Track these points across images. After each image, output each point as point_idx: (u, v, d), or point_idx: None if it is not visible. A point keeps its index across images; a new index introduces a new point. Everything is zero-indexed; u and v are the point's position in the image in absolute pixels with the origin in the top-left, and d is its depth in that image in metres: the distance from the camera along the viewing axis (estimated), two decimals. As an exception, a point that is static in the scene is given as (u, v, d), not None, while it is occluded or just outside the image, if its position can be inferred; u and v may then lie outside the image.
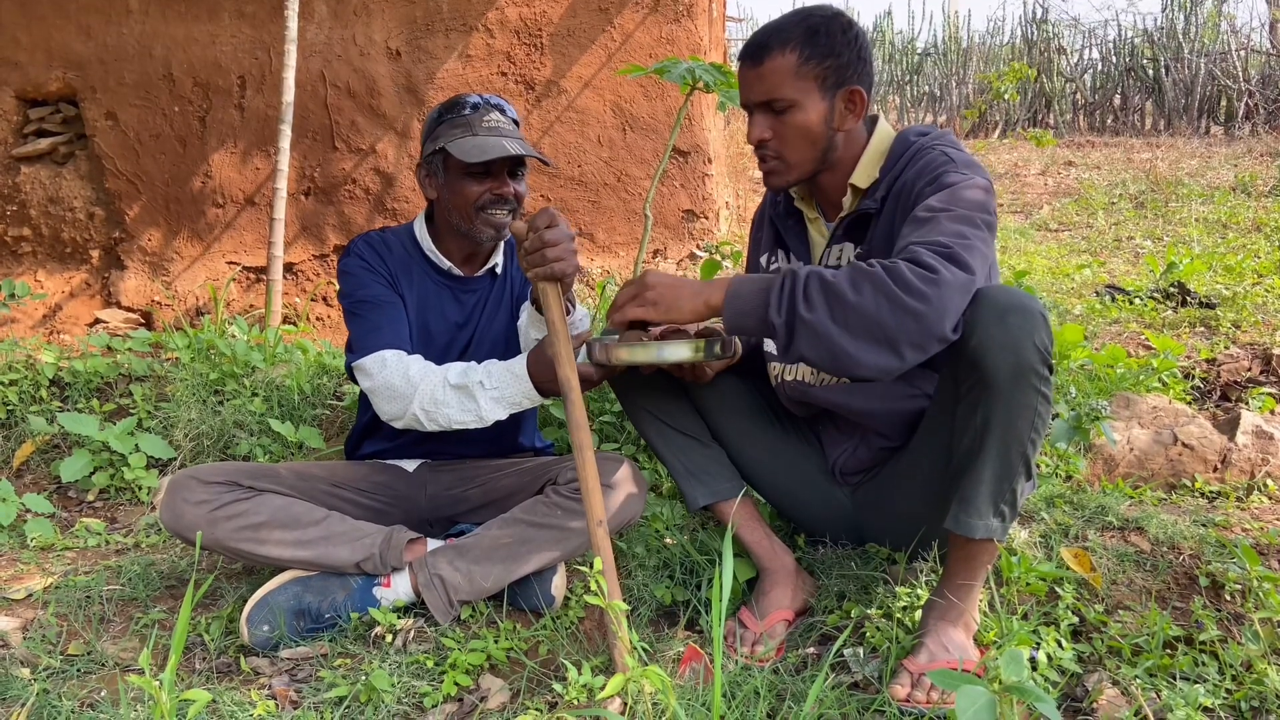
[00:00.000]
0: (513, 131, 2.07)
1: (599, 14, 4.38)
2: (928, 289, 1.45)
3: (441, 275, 2.19)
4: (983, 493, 1.63)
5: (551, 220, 1.69)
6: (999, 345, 1.52)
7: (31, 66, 4.46)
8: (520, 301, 2.24)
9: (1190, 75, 9.70)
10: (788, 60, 1.72)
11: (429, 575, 1.95)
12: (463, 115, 2.06)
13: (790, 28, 1.74)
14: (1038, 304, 1.54)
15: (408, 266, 2.16)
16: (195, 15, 4.36)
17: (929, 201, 1.62)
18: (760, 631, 1.87)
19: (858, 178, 1.81)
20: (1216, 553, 1.97)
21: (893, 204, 1.75)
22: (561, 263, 1.69)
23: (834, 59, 1.73)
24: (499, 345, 2.22)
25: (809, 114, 1.74)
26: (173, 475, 2.12)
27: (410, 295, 2.15)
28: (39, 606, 2.10)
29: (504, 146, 1.99)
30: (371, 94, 4.42)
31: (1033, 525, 2.12)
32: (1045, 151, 8.27)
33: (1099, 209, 6.18)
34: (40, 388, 3.18)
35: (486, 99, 2.10)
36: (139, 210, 4.56)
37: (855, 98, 1.76)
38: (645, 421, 2.00)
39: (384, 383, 1.96)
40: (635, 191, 4.53)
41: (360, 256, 2.12)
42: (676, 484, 2.03)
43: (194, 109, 4.45)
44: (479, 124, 2.04)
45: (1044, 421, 1.60)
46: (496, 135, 2.02)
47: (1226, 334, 3.38)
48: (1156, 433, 2.59)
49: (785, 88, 1.73)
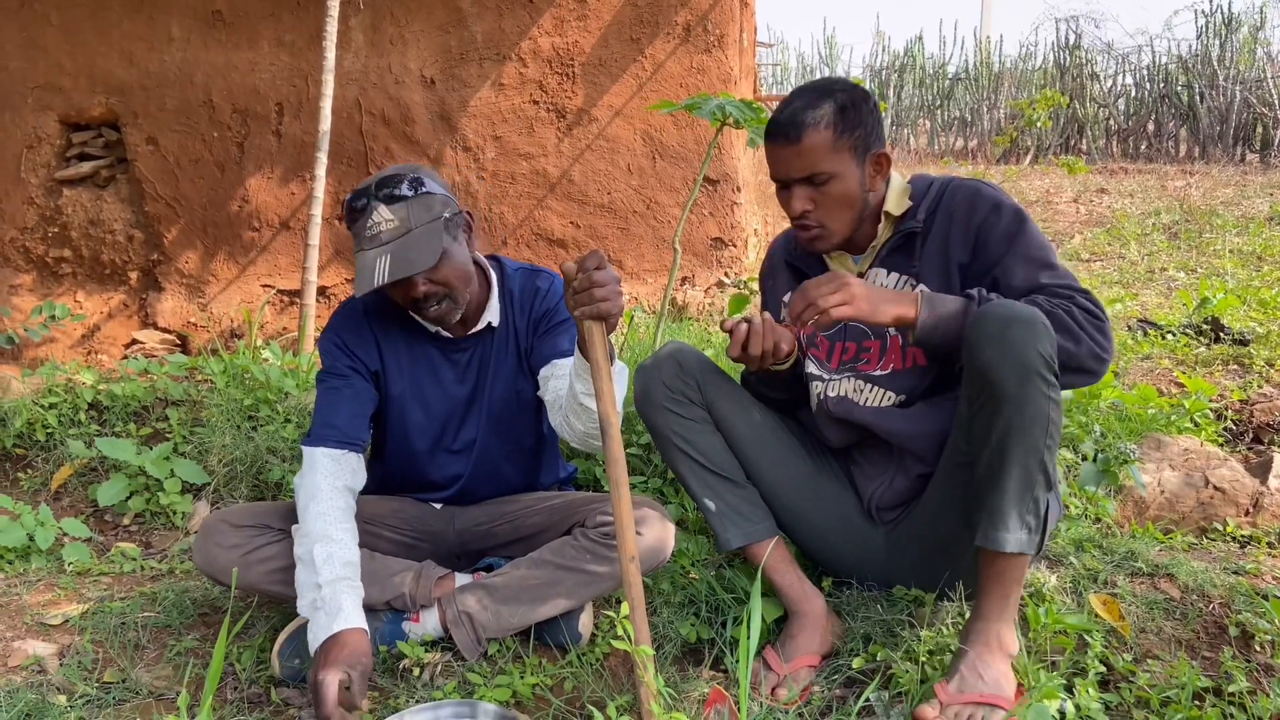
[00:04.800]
0: (394, 232, 1.90)
1: (631, 44, 4.42)
2: (1104, 319, 1.72)
3: (432, 339, 2.15)
4: (1008, 505, 1.68)
5: (600, 262, 1.71)
6: (1005, 357, 1.61)
7: (75, 92, 4.56)
8: (529, 353, 2.16)
9: (1225, 102, 9.63)
10: (824, 136, 1.84)
11: (457, 612, 1.97)
12: (355, 222, 1.95)
13: (820, 103, 1.85)
14: (1038, 314, 1.63)
15: (394, 332, 2.12)
16: (235, 43, 4.45)
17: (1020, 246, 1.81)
18: (784, 674, 1.87)
19: (890, 206, 1.95)
20: (1247, 602, 1.95)
21: (943, 222, 1.90)
22: (607, 303, 1.71)
23: (861, 129, 1.87)
24: (509, 406, 2.17)
25: (848, 182, 1.87)
26: (205, 518, 2.16)
27: (400, 363, 2.12)
28: (75, 632, 2.14)
29: (373, 274, 1.87)
30: (406, 121, 4.49)
31: (1061, 570, 2.11)
32: (1077, 178, 8.23)
33: (1131, 239, 6.14)
34: (79, 411, 3.24)
35: (378, 185, 1.94)
36: (177, 233, 4.64)
37: (882, 160, 1.91)
38: (679, 459, 2.01)
39: (300, 485, 1.98)
40: (664, 219, 4.56)
41: (336, 332, 2.10)
42: (708, 524, 2.04)
43: (232, 135, 4.54)
44: (362, 233, 1.92)
45: (1057, 427, 1.68)
46: (375, 248, 1.90)
47: (1260, 372, 3.35)
48: (1187, 475, 2.57)
49: (825, 162, 1.85)
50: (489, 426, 2.17)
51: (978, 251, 1.86)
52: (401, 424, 2.16)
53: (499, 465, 2.21)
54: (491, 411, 2.16)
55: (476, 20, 4.38)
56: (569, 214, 4.55)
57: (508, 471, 2.22)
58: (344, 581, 1.84)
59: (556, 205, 4.54)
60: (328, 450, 1.99)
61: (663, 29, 4.36)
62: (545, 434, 2.26)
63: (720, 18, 4.33)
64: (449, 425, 2.16)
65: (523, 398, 2.18)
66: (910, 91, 11.87)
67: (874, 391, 1.97)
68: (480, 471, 2.19)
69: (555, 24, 4.40)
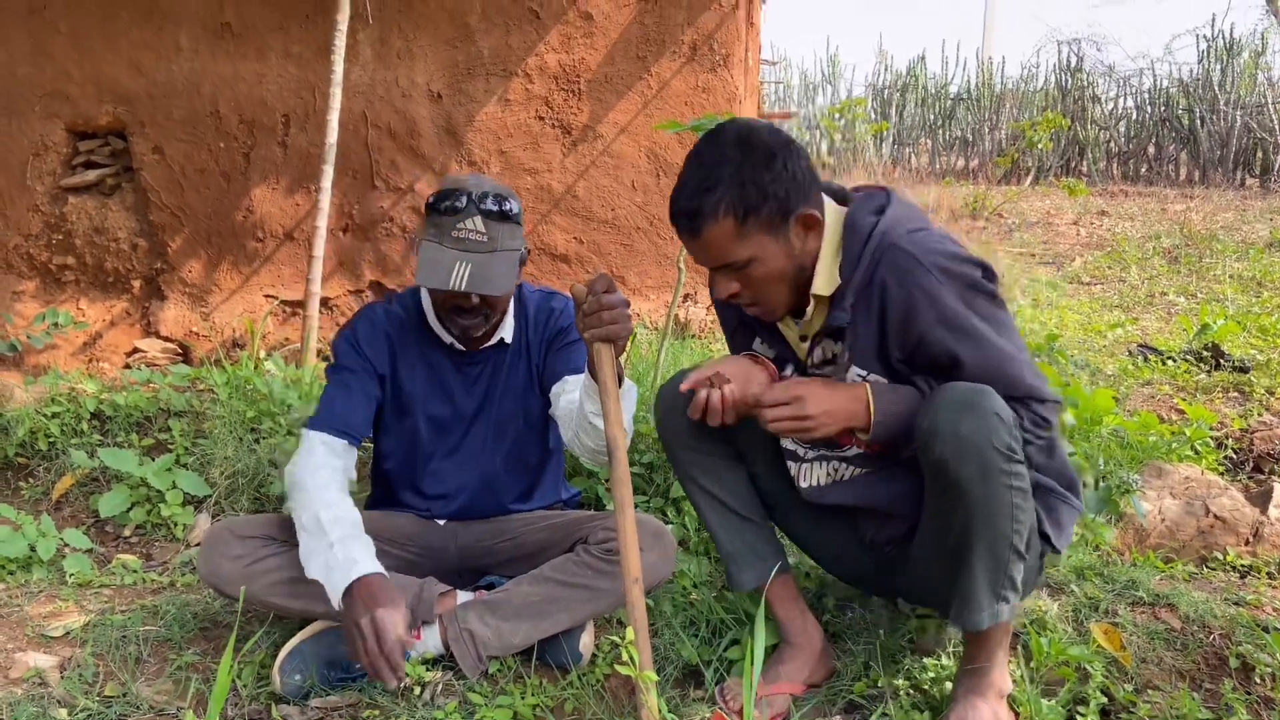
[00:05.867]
0: (481, 245, 1.95)
1: (636, 62, 4.45)
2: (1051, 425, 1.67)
3: (445, 350, 2.18)
4: (980, 588, 1.65)
5: (609, 286, 1.73)
6: (961, 455, 1.54)
7: (82, 100, 4.57)
8: (541, 370, 2.19)
9: (1226, 127, 9.66)
10: (724, 227, 1.62)
11: (459, 629, 1.97)
12: (443, 213, 1.98)
13: (714, 188, 1.61)
14: (991, 400, 1.55)
15: (410, 342, 2.17)
16: (244, 54, 4.47)
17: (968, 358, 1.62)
18: (761, 696, 1.85)
19: (819, 286, 1.71)
20: (1248, 634, 1.96)
21: (866, 316, 1.67)
22: (616, 325, 1.72)
23: (771, 201, 1.62)
24: (516, 421, 2.20)
25: (769, 263, 1.67)
26: (211, 528, 2.16)
27: (414, 374, 2.16)
28: (76, 645, 2.14)
29: (450, 275, 1.92)
30: (412, 134, 4.50)
31: (1063, 598, 2.12)
32: (1078, 200, 8.25)
33: (1132, 263, 6.17)
34: (81, 420, 3.24)
35: (481, 195, 1.98)
36: (181, 242, 4.65)
37: (809, 220, 1.67)
38: (698, 497, 1.97)
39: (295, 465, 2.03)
40: (667, 236, 4.57)
41: (354, 331, 2.16)
42: (724, 562, 2.00)
43: (239, 145, 4.55)
44: (449, 231, 1.95)
45: (1024, 510, 1.61)
46: (460, 251, 1.94)
47: (1260, 400, 3.37)
48: (1188, 503, 2.58)
49: (734, 251, 1.65)
50: (494, 440, 2.20)
51: (917, 353, 1.67)
52: (407, 430, 2.18)
53: (501, 479, 2.22)
54: (497, 425, 2.19)
55: (484, 36, 4.41)
56: (573, 229, 4.56)
57: (509, 486, 2.24)
58: (353, 539, 1.89)
59: (560, 221, 4.56)
60: (326, 436, 2.05)
61: (669, 48, 4.38)
62: (550, 451, 2.28)
63: (726, 37, 4.35)
64: (453, 435, 2.18)
65: (530, 415, 2.21)
66: (912, 111, 11.89)
67: (849, 470, 1.87)
68: (482, 484, 2.21)
69: (562, 41, 4.42)
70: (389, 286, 4.64)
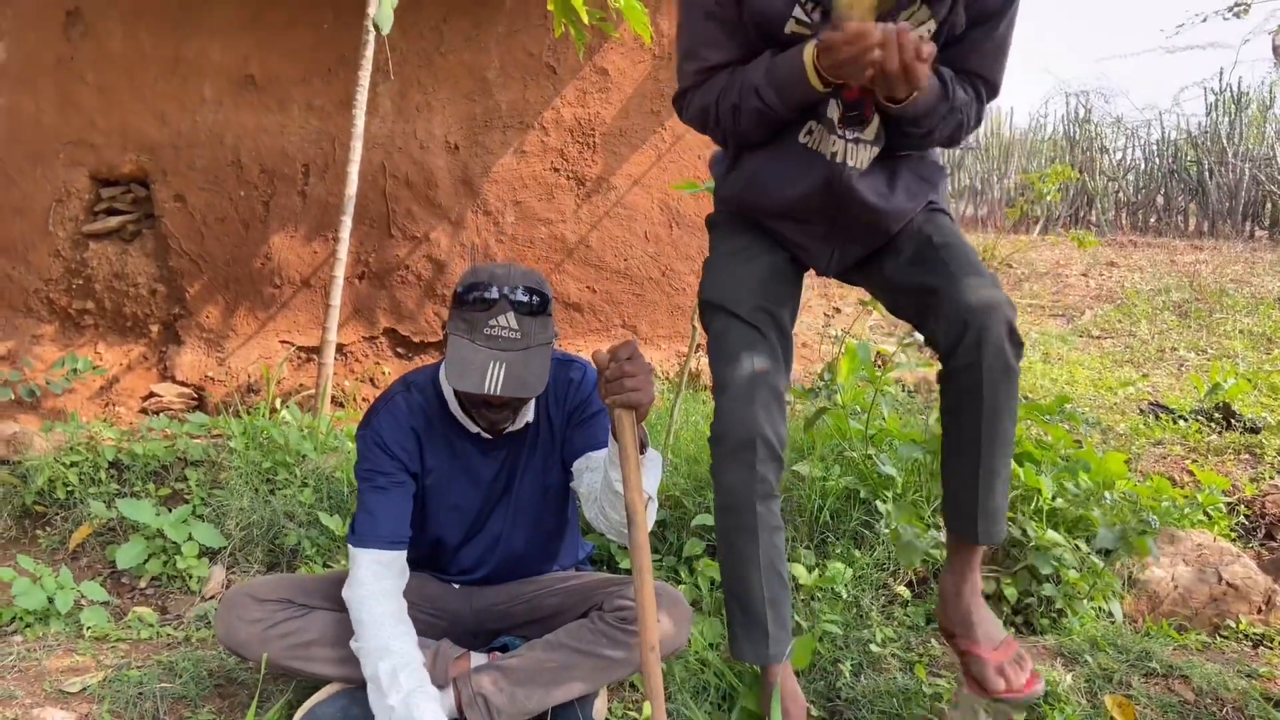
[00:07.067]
0: (514, 343, 1.89)
1: (651, 116, 4.52)
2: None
3: (470, 437, 2.14)
4: (1000, 503, 1.84)
5: (632, 353, 1.74)
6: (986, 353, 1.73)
7: (107, 149, 4.65)
8: (563, 444, 2.15)
9: (1234, 179, 9.72)
10: None
11: (472, 694, 1.98)
12: (474, 308, 1.91)
13: None
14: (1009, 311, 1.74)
15: (437, 434, 2.12)
16: (266, 106, 4.55)
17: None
18: None
19: None
20: (1260, 708, 1.96)
21: None
22: (638, 392, 1.73)
23: None
24: (537, 498, 2.18)
25: None
26: (228, 591, 2.18)
27: (440, 461, 2.12)
28: (94, 701, 2.15)
29: (484, 378, 1.85)
30: (429, 185, 4.57)
31: (1076, 668, 2.12)
32: (1087, 251, 8.28)
33: (1142, 318, 6.18)
34: (99, 469, 3.27)
35: (512, 288, 1.91)
36: (199, 288, 4.71)
37: None
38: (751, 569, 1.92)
39: (349, 598, 1.98)
40: (679, 286, 4.62)
41: (378, 432, 2.07)
42: (729, 629, 1.99)
43: (259, 194, 4.62)
44: (480, 328, 1.89)
45: (1017, 404, 1.81)
46: (492, 350, 1.87)
47: (1272, 463, 3.37)
48: (1200, 570, 2.58)
49: None
50: (516, 519, 2.19)
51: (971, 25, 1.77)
52: (432, 517, 2.17)
53: (522, 552, 2.22)
54: (520, 505, 2.18)
55: (501, 90, 4.49)
56: (585, 279, 4.61)
57: (530, 557, 2.24)
58: (415, 692, 1.85)
59: (574, 270, 4.61)
60: (374, 553, 2.00)
61: (684, 103, 4.45)
62: (569, 518, 2.29)
63: (741, 94, 4.42)
64: (478, 519, 2.19)
65: (550, 489, 2.19)
66: (922, 158, 12.01)
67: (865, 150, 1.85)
68: (503, 560, 2.22)
69: (577, 95, 4.50)
70: (403, 333, 4.69)
